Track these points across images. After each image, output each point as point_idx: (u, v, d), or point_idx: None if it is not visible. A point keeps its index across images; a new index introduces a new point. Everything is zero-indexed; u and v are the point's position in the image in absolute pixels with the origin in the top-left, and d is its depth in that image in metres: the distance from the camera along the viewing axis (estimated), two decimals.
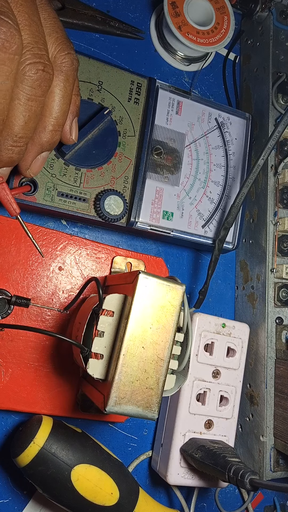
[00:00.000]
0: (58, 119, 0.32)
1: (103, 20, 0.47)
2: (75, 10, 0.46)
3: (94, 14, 0.47)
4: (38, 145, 0.32)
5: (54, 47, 0.31)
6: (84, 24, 0.46)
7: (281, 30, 0.51)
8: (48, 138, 0.32)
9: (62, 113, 0.32)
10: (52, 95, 0.31)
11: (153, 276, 0.33)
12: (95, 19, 0.47)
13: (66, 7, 0.46)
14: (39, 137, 0.32)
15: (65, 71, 0.31)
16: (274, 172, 0.48)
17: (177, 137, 0.45)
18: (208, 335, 0.44)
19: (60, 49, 0.31)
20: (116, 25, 0.48)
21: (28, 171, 0.34)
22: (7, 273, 0.39)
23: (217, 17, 0.49)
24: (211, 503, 0.49)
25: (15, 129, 0.30)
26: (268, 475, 0.44)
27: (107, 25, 0.47)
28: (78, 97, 0.36)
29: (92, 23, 0.47)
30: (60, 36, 0.31)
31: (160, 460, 0.44)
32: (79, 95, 0.36)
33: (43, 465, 0.35)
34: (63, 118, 0.32)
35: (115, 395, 0.31)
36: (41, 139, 0.32)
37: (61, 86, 0.31)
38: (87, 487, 0.36)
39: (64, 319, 0.41)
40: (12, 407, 0.39)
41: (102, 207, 0.40)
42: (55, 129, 0.32)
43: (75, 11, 0.46)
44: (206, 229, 0.45)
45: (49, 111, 0.31)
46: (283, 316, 0.47)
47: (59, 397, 0.40)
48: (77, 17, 0.46)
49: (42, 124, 0.32)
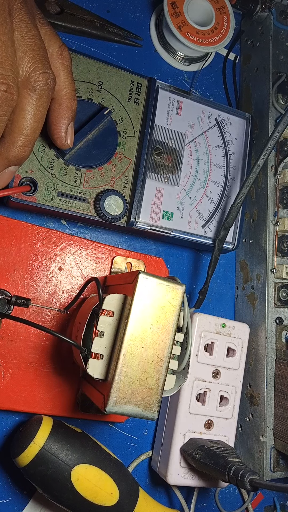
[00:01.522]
0: (28, 136, 0.32)
1: (101, 26, 0.47)
2: (74, 15, 0.46)
3: (92, 19, 0.47)
4: (5, 159, 0.33)
5: (29, 66, 0.31)
6: (82, 29, 0.46)
7: (281, 30, 0.51)
8: (16, 153, 0.33)
9: (33, 131, 0.32)
10: (23, 113, 0.32)
11: (153, 276, 0.33)
12: (93, 24, 0.47)
13: (64, 12, 0.46)
14: (7, 152, 0.33)
15: (38, 90, 0.32)
16: (274, 172, 0.48)
17: (177, 137, 0.45)
18: (208, 335, 0.44)
19: (35, 68, 0.31)
20: (115, 31, 0.48)
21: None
22: (7, 273, 0.39)
23: (217, 17, 0.49)
24: (211, 503, 0.49)
25: None
26: (268, 475, 0.44)
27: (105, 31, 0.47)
28: (75, 101, 0.36)
29: (90, 28, 0.46)
30: (36, 55, 0.31)
31: (160, 460, 0.44)
32: (75, 99, 0.36)
33: (43, 465, 0.35)
34: (33, 135, 0.33)
35: (115, 395, 0.31)
36: (8, 154, 0.33)
37: (33, 104, 0.32)
38: (87, 487, 0.36)
39: (64, 319, 0.41)
40: (12, 407, 0.39)
41: (102, 207, 0.40)
42: (24, 145, 0.33)
43: (73, 16, 0.46)
44: (206, 229, 0.45)
45: (18, 128, 0.32)
46: (283, 316, 0.47)
47: (59, 397, 0.40)
48: (75, 22, 0.46)
49: (10, 140, 0.32)
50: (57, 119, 0.36)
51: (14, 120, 0.32)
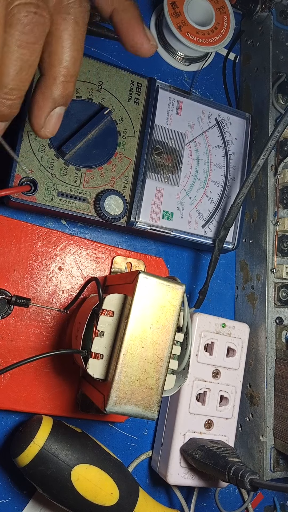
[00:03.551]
0: (69, 68, 0.29)
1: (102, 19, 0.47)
2: None
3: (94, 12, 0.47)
4: (50, 99, 0.29)
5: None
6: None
7: (281, 30, 0.51)
8: (60, 90, 0.29)
9: (73, 62, 0.29)
10: (59, 41, 0.28)
11: (153, 276, 0.33)
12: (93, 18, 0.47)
13: None
14: (50, 91, 0.29)
15: (73, 13, 0.28)
16: (274, 172, 0.48)
17: (177, 137, 0.45)
18: (208, 335, 0.44)
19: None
20: None
21: (43, 129, 0.30)
22: (7, 273, 0.39)
23: (217, 17, 0.49)
24: (211, 503, 0.49)
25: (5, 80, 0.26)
26: (268, 475, 0.44)
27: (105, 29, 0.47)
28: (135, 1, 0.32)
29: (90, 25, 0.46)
30: None
31: (160, 460, 0.44)
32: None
33: (43, 465, 0.35)
34: (74, 67, 0.29)
35: (115, 395, 0.31)
36: (52, 93, 0.29)
37: (69, 30, 0.28)
38: (87, 487, 0.36)
39: (64, 319, 0.41)
40: (12, 407, 0.39)
41: (102, 207, 0.40)
42: (67, 79, 0.29)
43: None
44: (206, 229, 0.45)
45: (58, 60, 0.28)
46: (283, 316, 0.47)
47: (59, 397, 0.40)
48: None
49: (52, 75, 0.28)
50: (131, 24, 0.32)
51: (52, 52, 0.28)
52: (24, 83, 0.27)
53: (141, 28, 0.32)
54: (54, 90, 0.29)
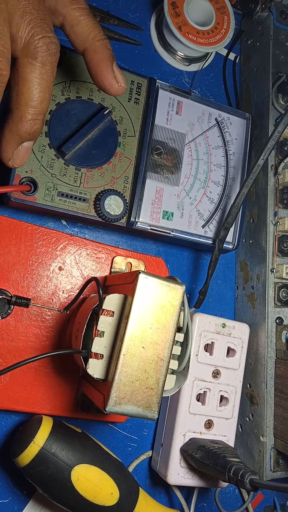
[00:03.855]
0: (36, 107, 0.30)
1: (101, 19, 0.47)
2: None
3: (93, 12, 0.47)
4: (17, 135, 0.31)
5: (27, 32, 0.29)
6: None
7: (281, 30, 0.51)
8: (27, 128, 0.31)
9: (40, 101, 0.30)
10: (27, 84, 0.30)
11: (153, 276, 0.33)
12: None
13: None
14: (17, 127, 0.31)
15: (40, 57, 0.29)
16: (274, 172, 0.48)
17: (177, 137, 0.45)
18: (208, 335, 0.44)
19: (33, 33, 0.29)
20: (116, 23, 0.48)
21: (11, 162, 0.32)
22: (7, 273, 0.39)
23: (217, 17, 0.49)
24: (211, 503, 0.49)
25: None
26: (268, 475, 0.44)
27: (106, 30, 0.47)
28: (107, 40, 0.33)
29: None
30: (34, 18, 0.29)
31: (160, 460, 0.44)
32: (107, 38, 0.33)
33: (43, 465, 0.35)
34: (41, 106, 0.30)
35: (115, 395, 0.31)
36: (19, 130, 0.31)
37: (36, 73, 0.29)
38: (87, 487, 0.36)
39: (64, 319, 0.41)
40: (12, 407, 0.39)
41: (102, 207, 0.40)
42: (34, 118, 0.30)
43: None
44: (206, 229, 0.45)
45: (24, 101, 0.30)
46: (283, 316, 0.47)
47: (59, 397, 0.40)
48: None
49: (19, 114, 0.30)
50: (99, 66, 0.33)
51: (19, 92, 0.30)
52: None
53: (110, 69, 0.33)
54: (21, 127, 0.31)
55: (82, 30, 0.33)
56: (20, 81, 0.30)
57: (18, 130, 0.31)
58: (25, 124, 0.31)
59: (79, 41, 0.33)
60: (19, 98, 0.30)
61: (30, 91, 0.30)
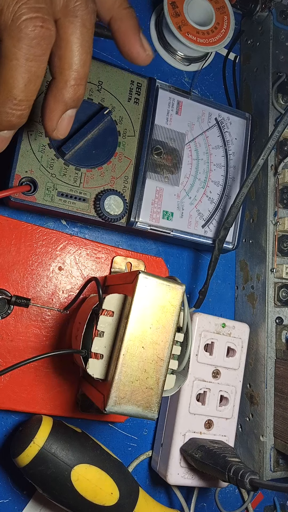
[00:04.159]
0: (79, 71, 0.29)
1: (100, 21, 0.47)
2: None
3: None
4: (62, 103, 0.30)
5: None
6: None
7: (281, 30, 0.51)
8: (71, 94, 0.29)
9: (83, 64, 0.29)
10: (68, 45, 0.28)
11: (153, 276, 0.33)
12: None
13: None
14: (61, 94, 0.29)
15: (80, 15, 0.28)
16: (274, 172, 0.48)
17: (177, 137, 0.45)
18: (208, 335, 0.44)
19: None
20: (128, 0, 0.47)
21: (55, 132, 0.31)
22: (7, 273, 0.39)
23: (217, 17, 0.49)
24: (211, 503, 0.49)
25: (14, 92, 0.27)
26: (268, 475, 0.44)
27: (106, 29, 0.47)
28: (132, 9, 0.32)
29: None
30: None
31: (160, 460, 0.44)
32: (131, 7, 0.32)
33: (43, 465, 0.35)
34: (84, 70, 0.29)
35: (115, 395, 0.31)
36: (63, 96, 0.29)
37: (77, 33, 0.28)
38: (87, 487, 0.36)
39: (64, 319, 0.41)
40: (12, 407, 0.39)
41: (102, 207, 0.40)
42: (78, 83, 0.29)
43: None
44: (206, 229, 0.45)
45: (67, 64, 0.29)
46: (283, 316, 0.47)
47: (59, 397, 0.40)
48: None
49: (63, 79, 0.29)
50: (126, 34, 0.32)
51: (62, 56, 0.29)
52: (33, 94, 0.28)
53: (138, 38, 0.33)
54: (66, 94, 0.30)
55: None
56: (62, 44, 0.28)
57: (63, 97, 0.30)
58: (70, 89, 0.29)
59: (105, 9, 0.32)
60: (62, 63, 0.29)
61: (73, 53, 0.29)
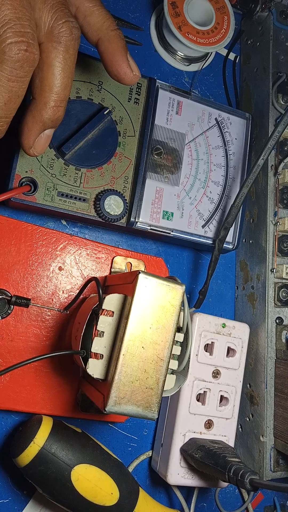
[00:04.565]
0: (60, 94, 0.30)
1: None
2: None
3: None
4: (40, 123, 0.31)
5: (50, 16, 0.29)
6: None
7: (281, 30, 0.51)
8: (49, 115, 0.31)
9: (64, 88, 0.30)
10: (51, 69, 0.30)
11: (153, 276, 0.33)
12: None
13: None
14: (40, 115, 0.31)
15: (64, 41, 0.29)
16: (274, 172, 0.48)
17: (177, 137, 0.45)
18: (208, 335, 0.44)
19: (57, 17, 0.29)
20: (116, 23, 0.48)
21: (32, 150, 0.32)
22: (7, 273, 0.39)
23: (217, 17, 0.49)
24: (211, 503, 0.49)
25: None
26: (268, 475, 0.44)
27: None
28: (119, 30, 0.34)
29: None
30: (56, 3, 0.29)
31: (160, 460, 0.44)
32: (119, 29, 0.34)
33: (43, 465, 0.35)
34: (64, 93, 0.30)
35: (115, 395, 0.31)
36: (42, 116, 0.31)
37: (60, 58, 0.30)
38: (87, 487, 0.36)
39: (64, 319, 0.41)
40: (12, 407, 0.39)
41: (102, 207, 0.40)
42: (57, 104, 0.31)
43: None
44: (206, 229, 0.45)
45: (48, 86, 0.30)
46: (283, 316, 0.47)
47: (59, 397, 0.40)
48: None
49: (42, 100, 0.30)
50: (114, 55, 0.33)
51: (43, 78, 0.30)
52: (12, 112, 0.29)
53: (125, 58, 0.34)
54: (44, 114, 0.31)
55: (96, 20, 0.33)
56: (45, 67, 0.30)
57: (41, 117, 0.31)
58: (49, 110, 0.31)
59: (92, 31, 0.33)
60: (43, 84, 0.30)
61: (54, 76, 0.30)
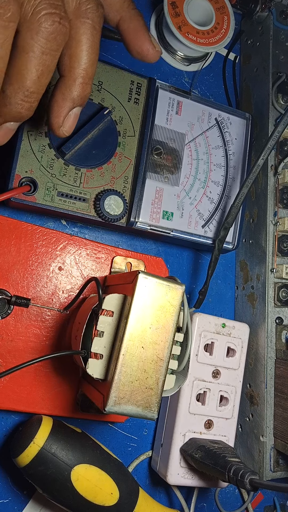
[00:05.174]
0: (88, 70, 0.30)
1: None
2: None
3: None
4: (69, 100, 0.31)
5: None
6: None
7: (281, 30, 0.51)
8: (79, 91, 0.31)
9: (91, 64, 0.30)
10: (79, 45, 0.30)
11: (153, 276, 0.33)
12: None
13: None
14: (70, 91, 0.30)
15: (91, 17, 0.30)
16: (274, 172, 0.48)
17: (177, 137, 0.45)
18: (208, 335, 0.44)
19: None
20: None
21: (61, 129, 0.32)
22: (7, 273, 0.39)
23: (217, 17, 0.49)
24: (211, 503, 0.49)
25: (27, 83, 0.28)
26: (268, 475, 0.44)
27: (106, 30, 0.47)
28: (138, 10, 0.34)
29: None
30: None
31: (160, 460, 0.44)
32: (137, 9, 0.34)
33: (43, 465, 0.35)
34: (92, 69, 0.31)
35: (115, 395, 0.31)
36: (72, 93, 0.31)
37: (88, 34, 0.30)
38: (87, 487, 0.36)
39: (64, 319, 0.41)
40: (12, 407, 0.39)
41: (102, 207, 0.40)
42: (86, 81, 0.31)
43: None
44: (206, 229, 0.45)
45: (77, 62, 0.30)
46: (283, 316, 0.47)
47: (59, 397, 0.40)
48: None
49: (72, 77, 0.30)
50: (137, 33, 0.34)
51: (72, 55, 0.30)
52: (43, 87, 0.29)
53: (147, 36, 0.34)
54: (74, 91, 0.31)
55: (115, 0, 0.33)
56: (74, 43, 0.30)
57: (71, 94, 0.31)
58: (78, 87, 0.31)
59: (114, 11, 0.34)
60: (72, 61, 0.30)
61: (83, 53, 0.30)
